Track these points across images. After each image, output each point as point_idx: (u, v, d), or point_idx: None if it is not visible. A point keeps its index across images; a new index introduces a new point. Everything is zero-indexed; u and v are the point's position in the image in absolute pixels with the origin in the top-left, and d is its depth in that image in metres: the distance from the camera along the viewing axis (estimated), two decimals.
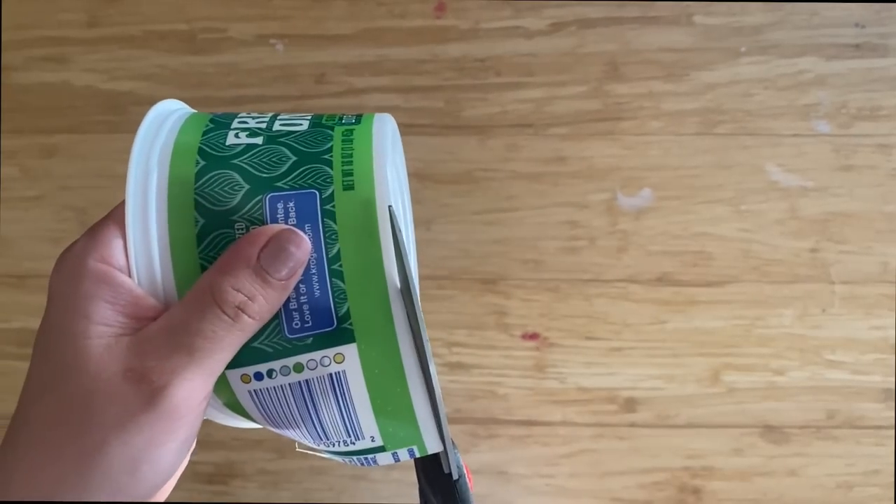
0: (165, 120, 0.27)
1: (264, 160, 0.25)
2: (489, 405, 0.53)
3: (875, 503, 0.53)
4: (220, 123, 0.26)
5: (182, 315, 0.24)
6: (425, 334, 0.25)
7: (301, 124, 0.26)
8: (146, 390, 0.23)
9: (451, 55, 0.54)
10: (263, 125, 0.26)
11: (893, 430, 0.53)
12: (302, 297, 0.25)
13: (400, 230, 0.24)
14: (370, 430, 0.26)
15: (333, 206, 0.24)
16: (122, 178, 0.55)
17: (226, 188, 0.25)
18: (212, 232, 0.24)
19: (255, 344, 0.25)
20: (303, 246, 0.24)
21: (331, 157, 0.25)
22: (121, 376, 0.23)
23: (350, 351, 0.25)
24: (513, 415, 0.53)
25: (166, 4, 0.55)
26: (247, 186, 0.25)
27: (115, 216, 0.25)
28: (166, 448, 0.23)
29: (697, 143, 0.54)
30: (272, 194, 0.24)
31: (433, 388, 0.25)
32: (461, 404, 0.53)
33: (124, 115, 0.55)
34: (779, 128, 0.54)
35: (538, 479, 0.53)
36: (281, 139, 0.25)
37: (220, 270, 0.24)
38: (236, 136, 0.26)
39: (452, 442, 0.26)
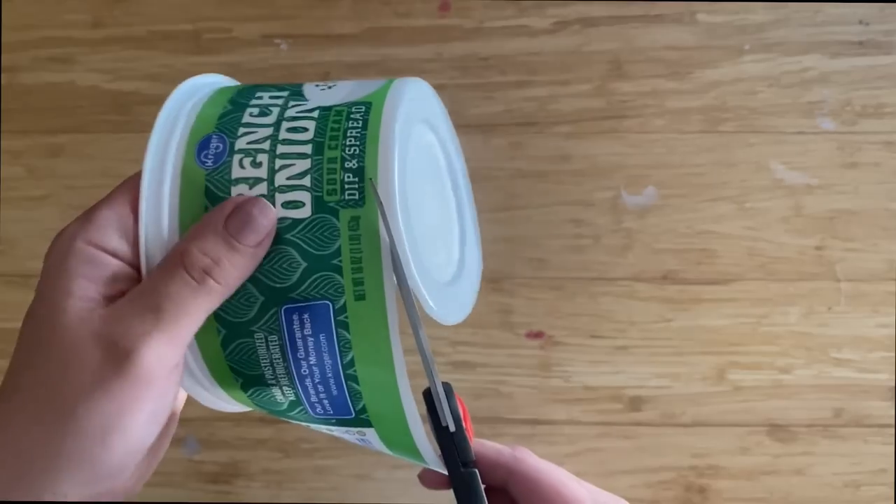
0: (178, 118, 0.28)
1: (275, 268, 0.26)
2: (494, 404, 0.53)
3: (882, 502, 0.52)
4: (228, 129, 0.27)
5: (151, 280, 0.25)
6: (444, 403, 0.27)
7: (307, 130, 0.27)
8: (115, 355, 0.23)
9: (454, 54, 0.54)
10: (267, 141, 0.27)
11: None
12: (321, 394, 0.27)
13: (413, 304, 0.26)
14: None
15: (346, 318, 0.25)
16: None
17: None
18: None
19: (290, 414, 0.28)
20: (266, 212, 0.25)
21: (340, 262, 0.25)
22: (93, 343, 0.24)
23: (369, 431, 0.28)
24: (518, 413, 0.53)
25: (171, 5, 0.55)
26: (262, 298, 0.26)
27: (112, 202, 0.26)
28: (135, 417, 0.24)
29: (701, 140, 0.54)
30: (287, 306, 0.26)
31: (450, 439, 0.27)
32: (466, 403, 0.53)
33: (129, 115, 0.55)
34: (783, 125, 0.54)
35: None
36: (287, 216, 0.26)
37: (188, 237, 0.25)
38: (241, 163, 0.26)
39: (450, 389, 0.28)
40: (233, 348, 0.26)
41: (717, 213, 0.53)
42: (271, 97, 0.28)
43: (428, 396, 0.28)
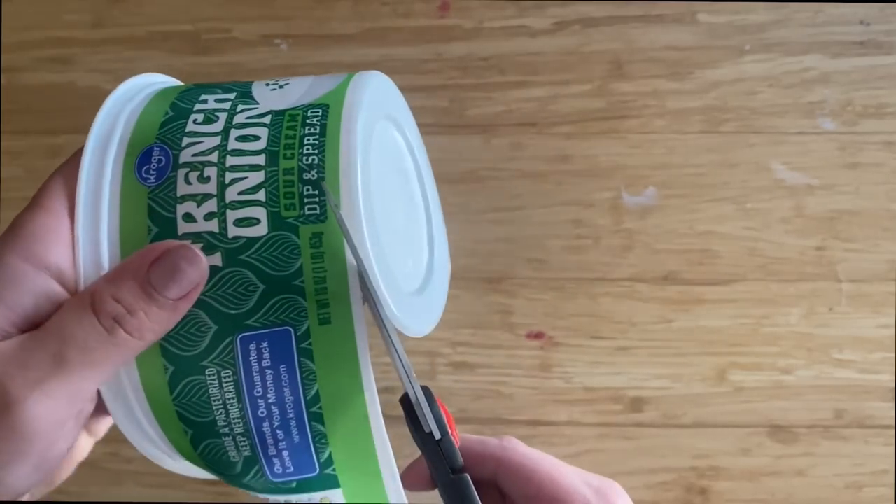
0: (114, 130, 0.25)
1: (229, 292, 0.23)
2: (494, 405, 0.53)
3: (885, 503, 0.52)
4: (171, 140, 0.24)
5: (57, 320, 0.22)
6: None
7: (259, 138, 0.24)
8: (1, 402, 0.21)
9: (455, 54, 0.54)
10: (215, 152, 0.24)
11: None
12: (281, 443, 0.23)
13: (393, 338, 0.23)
14: None
15: (310, 344, 0.23)
16: None
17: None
18: None
19: (244, 480, 0.24)
20: (198, 265, 0.22)
21: (302, 282, 0.23)
22: None
23: (336, 495, 0.24)
24: (518, 415, 0.53)
25: (171, 5, 0.55)
26: (215, 327, 0.23)
27: (49, 207, 0.23)
28: (14, 470, 0.21)
29: (702, 141, 0.54)
30: (243, 335, 0.23)
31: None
32: (466, 404, 0.53)
33: None
34: (784, 126, 0.54)
35: None
36: (239, 231, 0.23)
37: (105, 278, 0.22)
38: (187, 178, 0.23)
39: (431, 393, 0.25)
40: (181, 389, 0.23)
41: (717, 213, 0.53)
42: (217, 100, 0.25)
43: (406, 403, 0.25)
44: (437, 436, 0.25)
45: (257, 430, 0.23)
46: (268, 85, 0.26)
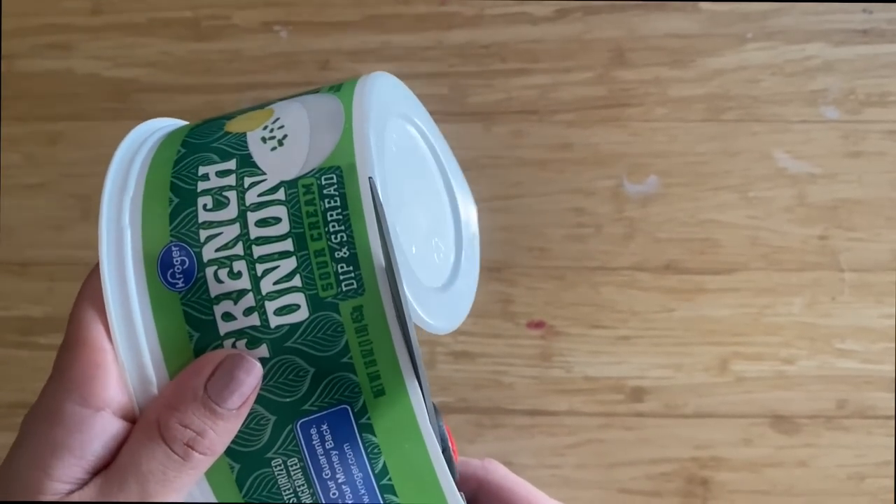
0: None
1: (281, 381, 0.23)
2: (494, 394, 0.53)
3: (886, 494, 0.52)
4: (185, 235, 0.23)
5: (130, 457, 0.22)
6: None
7: (280, 220, 0.23)
8: None
9: (455, 42, 0.54)
10: (238, 244, 0.23)
11: None
12: None
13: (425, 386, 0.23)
14: None
15: (369, 419, 0.23)
16: None
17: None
18: None
19: None
20: (253, 371, 0.22)
21: (350, 358, 0.23)
22: None
23: None
24: (518, 404, 0.53)
25: None
26: (273, 418, 0.23)
27: (85, 340, 0.23)
28: None
29: (704, 129, 0.53)
30: (302, 420, 0.23)
31: None
32: (466, 394, 0.53)
33: (129, 103, 0.55)
34: (786, 114, 0.53)
35: (544, 469, 0.52)
36: (280, 326, 0.23)
37: (165, 405, 0.22)
38: (217, 277, 0.23)
39: (436, 408, 0.25)
40: (250, 484, 0.23)
41: (719, 202, 0.53)
42: (218, 174, 0.24)
43: None
44: (440, 446, 0.25)
45: None
46: (265, 141, 0.24)
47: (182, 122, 0.28)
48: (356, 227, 0.23)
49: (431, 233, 0.29)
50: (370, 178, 0.23)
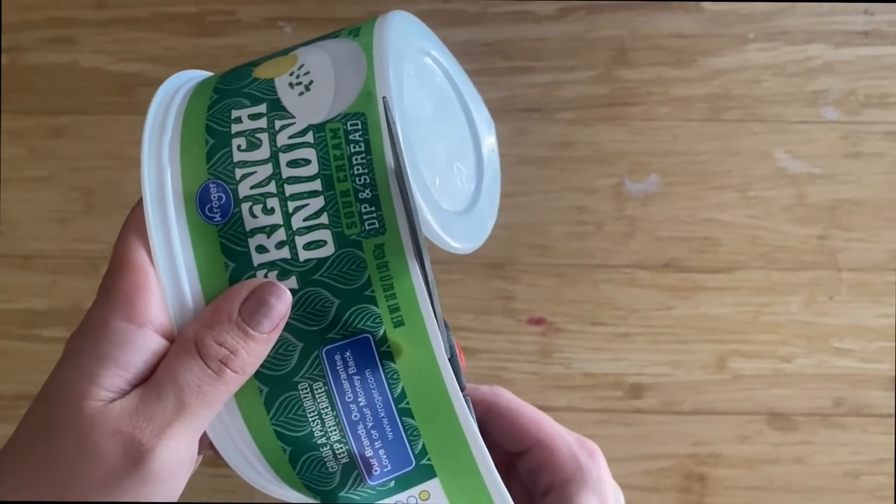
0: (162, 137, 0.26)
1: (308, 311, 0.25)
2: None
3: (882, 492, 0.52)
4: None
5: (168, 370, 0.24)
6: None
7: (309, 161, 0.25)
8: (133, 453, 0.23)
9: (459, 39, 0.54)
10: (272, 182, 0.25)
11: None
12: (376, 442, 0.25)
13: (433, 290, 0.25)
14: None
15: (389, 347, 0.25)
16: (129, 160, 0.55)
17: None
18: None
19: (343, 493, 0.25)
20: (284, 297, 0.24)
21: (372, 291, 0.24)
22: (112, 439, 0.23)
23: (434, 486, 0.25)
24: None
25: None
26: (301, 345, 0.25)
27: (131, 263, 0.25)
28: None
29: (705, 129, 0.54)
30: (327, 347, 0.25)
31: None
32: (466, 390, 0.53)
33: (132, 97, 0.55)
34: (787, 114, 0.54)
35: None
36: (309, 260, 0.25)
37: (203, 324, 0.24)
38: (252, 212, 0.25)
39: (445, 323, 0.27)
40: (277, 406, 0.25)
41: (720, 201, 0.53)
42: (251, 117, 0.25)
43: None
44: (448, 354, 0.26)
45: (353, 433, 0.25)
46: (292, 87, 0.26)
47: (209, 73, 0.29)
48: (378, 171, 0.24)
49: (453, 158, 0.31)
50: (390, 125, 0.25)
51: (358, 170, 0.25)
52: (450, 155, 0.30)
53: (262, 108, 0.26)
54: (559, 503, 0.30)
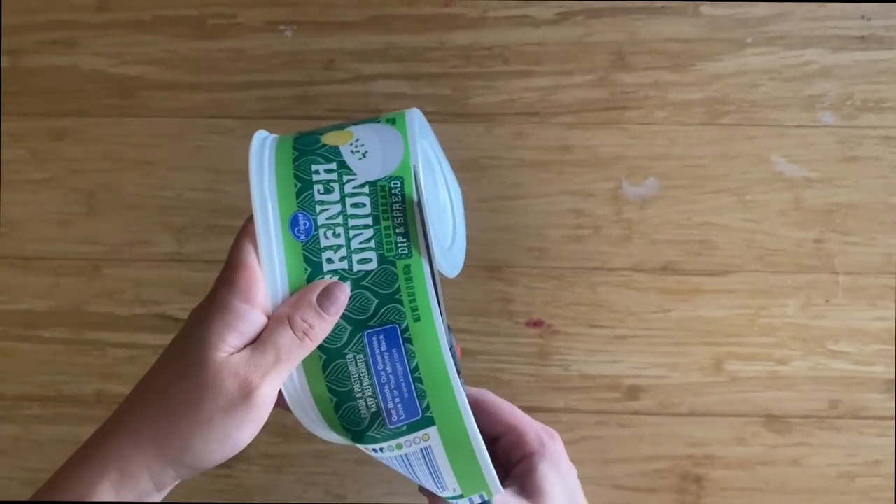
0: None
1: (357, 306, 0.36)
2: (493, 391, 0.53)
3: (877, 493, 0.53)
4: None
5: (269, 335, 0.35)
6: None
7: (365, 205, 0.37)
8: (245, 389, 0.34)
9: (458, 43, 0.55)
10: (340, 216, 0.37)
11: (895, 421, 0.53)
12: (396, 399, 0.36)
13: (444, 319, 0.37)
14: (452, 484, 0.38)
15: (409, 335, 0.36)
16: (130, 162, 0.55)
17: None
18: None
19: (369, 433, 0.36)
20: (345, 292, 0.36)
21: (400, 297, 0.36)
22: (231, 378, 0.34)
23: (432, 431, 0.36)
24: (516, 401, 0.53)
25: None
26: (350, 328, 0.36)
27: (246, 266, 0.35)
28: (247, 429, 0.34)
29: (703, 133, 0.54)
30: (368, 331, 0.36)
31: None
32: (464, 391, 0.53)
33: (133, 100, 0.55)
34: (784, 119, 0.54)
35: None
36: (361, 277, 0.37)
37: (292, 306, 0.35)
38: (326, 235, 0.37)
39: (449, 328, 0.37)
40: (331, 369, 0.36)
41: (717, 205, 0.54)
42: (326, 171, 0.37)
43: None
44: (449, 344, 0.37)
45: (381, 391, 0.36)
46: (353, 153, 0.37)
47: (273, 135, 0.40)
48: (409, 215, 0.37)
49: (441, 210, 0.43)
50: (418, 186, 0.37)
51: (396, 213, 0.37)
52: (440, 208, 0.42)
53: (333, 165, 0.37)
54: (525, 470, 0.42)
